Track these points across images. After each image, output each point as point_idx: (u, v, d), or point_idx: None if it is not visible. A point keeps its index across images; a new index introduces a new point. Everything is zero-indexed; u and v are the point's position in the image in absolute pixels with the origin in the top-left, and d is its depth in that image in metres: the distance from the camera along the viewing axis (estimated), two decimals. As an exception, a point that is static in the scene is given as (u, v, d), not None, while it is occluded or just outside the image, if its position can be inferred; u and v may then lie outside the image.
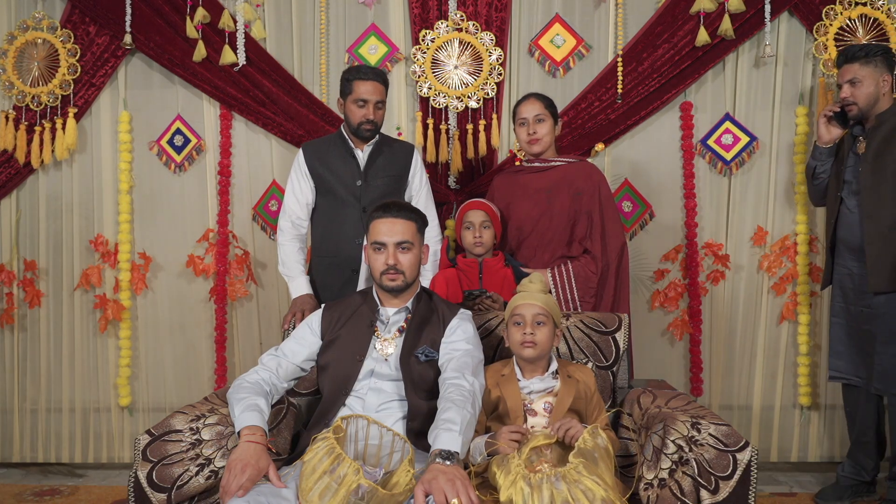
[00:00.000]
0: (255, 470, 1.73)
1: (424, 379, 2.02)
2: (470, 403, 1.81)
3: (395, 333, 2.09)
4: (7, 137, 3.30)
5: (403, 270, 2.04)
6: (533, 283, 2.09)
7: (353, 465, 1.63)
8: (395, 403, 2.01)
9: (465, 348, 2.02)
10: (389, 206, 2.08)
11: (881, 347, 2.68)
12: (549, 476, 1.65)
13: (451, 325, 2.09)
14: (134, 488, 1.82)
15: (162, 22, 3.25)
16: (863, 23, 3.10)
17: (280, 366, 2.08)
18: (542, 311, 2.03)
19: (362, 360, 2.05)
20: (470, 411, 1.79)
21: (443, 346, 2.05)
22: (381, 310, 2.12)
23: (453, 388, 1.86)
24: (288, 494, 1.74)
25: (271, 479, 1.77)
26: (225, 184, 3.31)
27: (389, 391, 2.03)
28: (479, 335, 2.14)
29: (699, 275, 3.21)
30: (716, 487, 1.76)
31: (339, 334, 2.11)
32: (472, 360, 1.99)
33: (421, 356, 2.03)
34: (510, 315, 2.08)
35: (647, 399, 2.13)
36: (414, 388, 2.01)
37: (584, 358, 2.33)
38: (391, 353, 2.06)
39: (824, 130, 2.84)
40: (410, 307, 2.11)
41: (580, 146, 3.16)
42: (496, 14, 3.19)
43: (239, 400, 1.91)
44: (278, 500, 1.71)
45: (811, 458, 3.23)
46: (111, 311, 3.33)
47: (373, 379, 2.04)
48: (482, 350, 2.09)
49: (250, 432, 1.82)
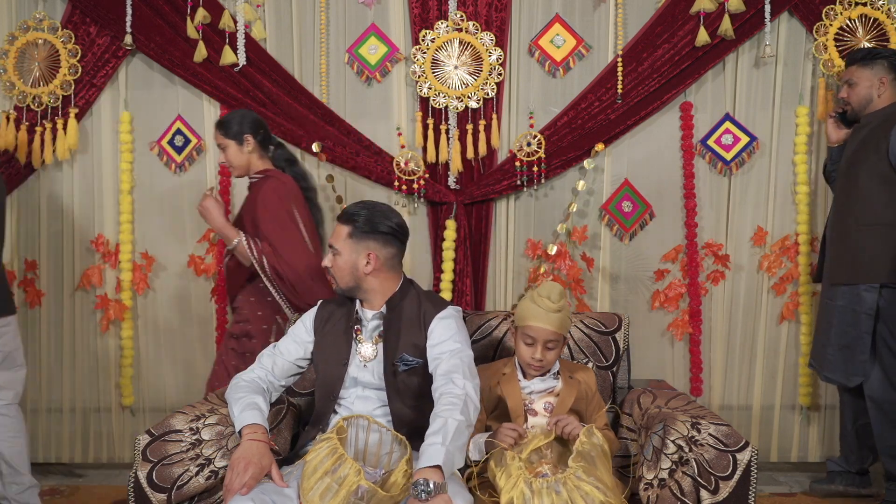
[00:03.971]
0: (258, 468, 1.73)
1: (409, 386, 1.98)
2: (459, 409, 1.74)
3: (376, 338, 2.04)
4: (8, 138, 3.30)
5: (333, 274, 2.03)
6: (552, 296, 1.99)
7: (355, 466, 1.63)
8: (380, 410, 1.98)
9: (451, 349, 1.93)
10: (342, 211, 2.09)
11: (834, 338, 2.78)
12: (549, 482, 1.65)
13: (431, 327, 1.99)
14: (134, 488, 1.82)
15: (162, 22, 3.25)
16: (863, 23, 3.10)
17: (276, 364, 2.07)
18: (554, 337, 1.97)
19: (346, 365, 2.02)
20: (457, 418, 1.71)
21: (428, 351, 1.97)
22: (361, 311, 2.08)
23: (443, 398, 1.79)
24: (290, 493, 1.74)
25: (274, 479, 1.77)
26: (225, 184, 3.31)
27: (375, 399, 2.00)
28: (466, 330, 2.06)
29: (699, 275, 3.21)
30: (716, 487, 1.76)
31: (327, 336, 2.09)
32: (462, 361, 1.90)
33: (400, 365, 1.97)
34: (521, 326, 2.01)
35: (647, 399, 2.14)
36: (399, 397, 1.97)
37: (585, 358, 2.33)
38: (371, 358, 2.02)
39: (832, 130, 2.92)
40: (385, 311, 2.04)
41: (580, 146, 3.16)
42: (496, 14, 3.19)
43: (237, 399, 1.91)
44: (282, 499, 1.72)
45: (811, 458, 3.23)
46: (113, 311, 3.33)
47: (359, 388, 2.02)
48: (470, 345, 2.00)
49: (251, 431, 1.82)
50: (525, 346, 2.01)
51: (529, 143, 3.16)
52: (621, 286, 3.26)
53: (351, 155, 3.21)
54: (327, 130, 3.21)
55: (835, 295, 2.79)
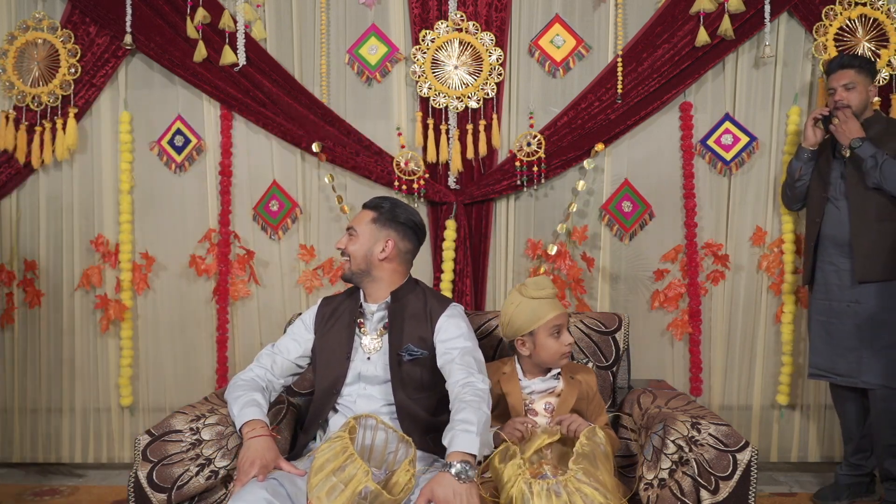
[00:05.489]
0: (263, 462, 1.74)
1: (412, 377, 1.99)
2: (486, 403, 1.77)
3: (381, 330, 2.05)
4: (7, 138, 3.30)
5: (348, 255, 2.06)
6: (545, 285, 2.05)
7: (363, 467, 1.63)
8: (386, 409, 1.99)
9: (463, 346, 1.96)
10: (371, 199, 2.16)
11: (867, 341, 2.71)
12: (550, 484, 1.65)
13: (440, 323, 2.03)
14: (134, 488, 1.82)
15: (162, 22, 3.25)
16: (862, 23, 3.10)
17: (275, 362, 2.08)
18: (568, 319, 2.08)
19: (349, 359, 2.03)
20: (485, 411, 1.75)
21: (438, 346, 2.00)
22: (365, 305, 2.09)
23: (467, 389, 1.81)
24: (302, 484, 1.74)
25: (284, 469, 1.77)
26: (226, 184, 3.31)
27: (379, 397, 2.00)
28: (473, 330, 2.09)
29: (699, 275, 3.21)
30: (716, 487, 1.76)
31: (329, 332, 2.09)
32: (476, 360, 1.94)
33: (405, 354, 1.99)
34: (541, 326, 2.01)
35: (647, 399, 2.14)
36: (402, 386, 1.98)
37: (585, 358, 2.33)
38: (376, 350, 2.04)
39: (811, 132, 2.88)
40: (390, 301, 2.06)
41: (580, 146, 3.16)
42: (496, 14, 3.19)
43: (236, 398, 1.91)
44: (294, 489, 1.72)
45: (811, 458, 3.23)
46: (113, 311, 3.33)
47: (361, 384, 2.03)
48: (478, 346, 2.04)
49: (251, 428, 1.82)
50: (554, 340, 2.02)
51: (529, 143, 3.16)
52: (621, 286, 3.26)
53: (351, 155, 3.21)
54: (327, 130, 3.22)
55: (858, 296, 2.73)
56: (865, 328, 2.72)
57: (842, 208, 2.79)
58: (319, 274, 3.29)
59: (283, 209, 3.30)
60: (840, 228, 2.79)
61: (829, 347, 2.83)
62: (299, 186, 3.31)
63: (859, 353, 2.73)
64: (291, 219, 3.31)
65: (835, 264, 2.81)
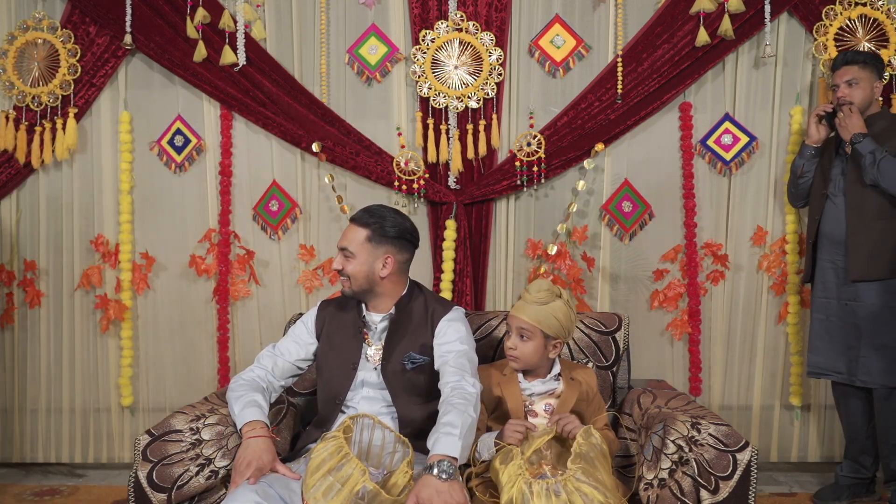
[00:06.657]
0: (259, 463, 1.74)
1: (416, 385, 2.00)
2: (472, 407, 1.79)
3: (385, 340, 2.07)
4: (7, 137, 3.30)
5: (347, 275, 2.04)
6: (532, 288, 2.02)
7: (360, 467, 1.64)
8: (386, 411, 2.00)
9: (458, 349, 1.98)
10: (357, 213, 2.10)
11: (867, 339, 2.71)
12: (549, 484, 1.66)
13: (440, 327, 2.05)
14: (134, 488, 1.82)
15: (162, 22, 3.25)
16: (863, 23, 3.10)
17: (276, 364, 2.08)
18: (526, 326, 1.98)
19: (356, 369, 2.04)
20: (472, 415, 1.76)
21: (436, 349, 2.01)
22: (367, 315, 2.10)
23: (456, 392, 1.83)
24: (296, 487, 1.74)
25: (280, 471, 1.78)
26: (226, 184, 3.31)
27: (380, 400, 2.02)
28: (472, 334, 2.11)
29: (699, 275, 3.21)
30: (716, 487, 1.76)
31: (334, 340, 2.10)
32: (470, 362, 1.95)
33: (407, 363, 2.01)
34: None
35: (647, 399, 2.14)
36: (406, 395, 1.99)
37: (585, 358, 2.33)
38: (381, 360, 2.04)
39: (814, 130, 2.88)
40: (394, 312, 2.08)
41: (580, 146, 3.16)
42: (496, 14, 3.19)
43: (236, 399, 1.92)
44: (287, 492, 1.72)
45: (811, 458, 3.23)
46: (113, 311, 3.33)
47: (364, 389, 2.03)
48: (475, 350, 2.05)
49: (250, 428, 1.82)
50: (506, 336, 2.04)
51: (529, 143, 3.16)
52: (621, 286, 3.26)
53: (351, 155, 3.21)
54: (327, 130, 3.21)
55: (856, 294, 2.74)
56: (864, 326, 2.72)
57: (839, 205, 2.79)
58: (319, 274, 3.29)
59: (283, 209, 3.30)
60: (837, 226, 2.79)
61: (828, 345, 2.83)
62: (299, 186, 3.31)
63: (858, 351, 2.74)
64: (291, 219, 3.31)
65: (833, 262, 2.82)
